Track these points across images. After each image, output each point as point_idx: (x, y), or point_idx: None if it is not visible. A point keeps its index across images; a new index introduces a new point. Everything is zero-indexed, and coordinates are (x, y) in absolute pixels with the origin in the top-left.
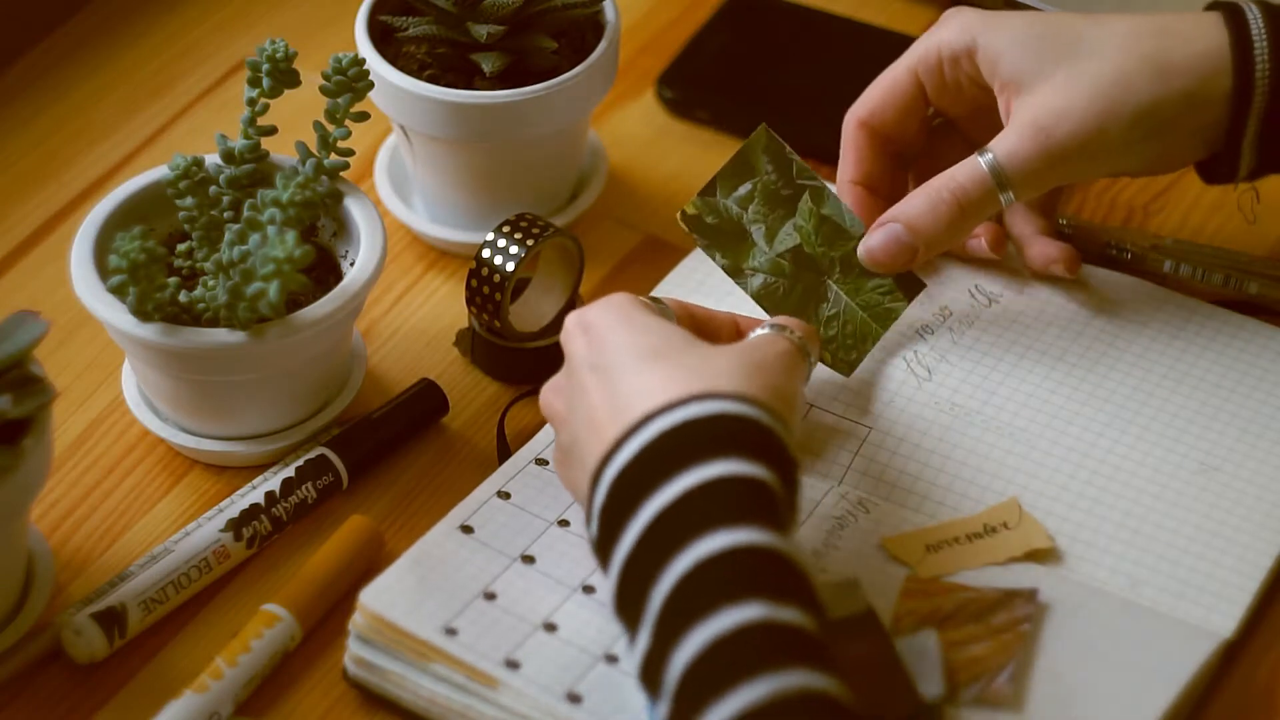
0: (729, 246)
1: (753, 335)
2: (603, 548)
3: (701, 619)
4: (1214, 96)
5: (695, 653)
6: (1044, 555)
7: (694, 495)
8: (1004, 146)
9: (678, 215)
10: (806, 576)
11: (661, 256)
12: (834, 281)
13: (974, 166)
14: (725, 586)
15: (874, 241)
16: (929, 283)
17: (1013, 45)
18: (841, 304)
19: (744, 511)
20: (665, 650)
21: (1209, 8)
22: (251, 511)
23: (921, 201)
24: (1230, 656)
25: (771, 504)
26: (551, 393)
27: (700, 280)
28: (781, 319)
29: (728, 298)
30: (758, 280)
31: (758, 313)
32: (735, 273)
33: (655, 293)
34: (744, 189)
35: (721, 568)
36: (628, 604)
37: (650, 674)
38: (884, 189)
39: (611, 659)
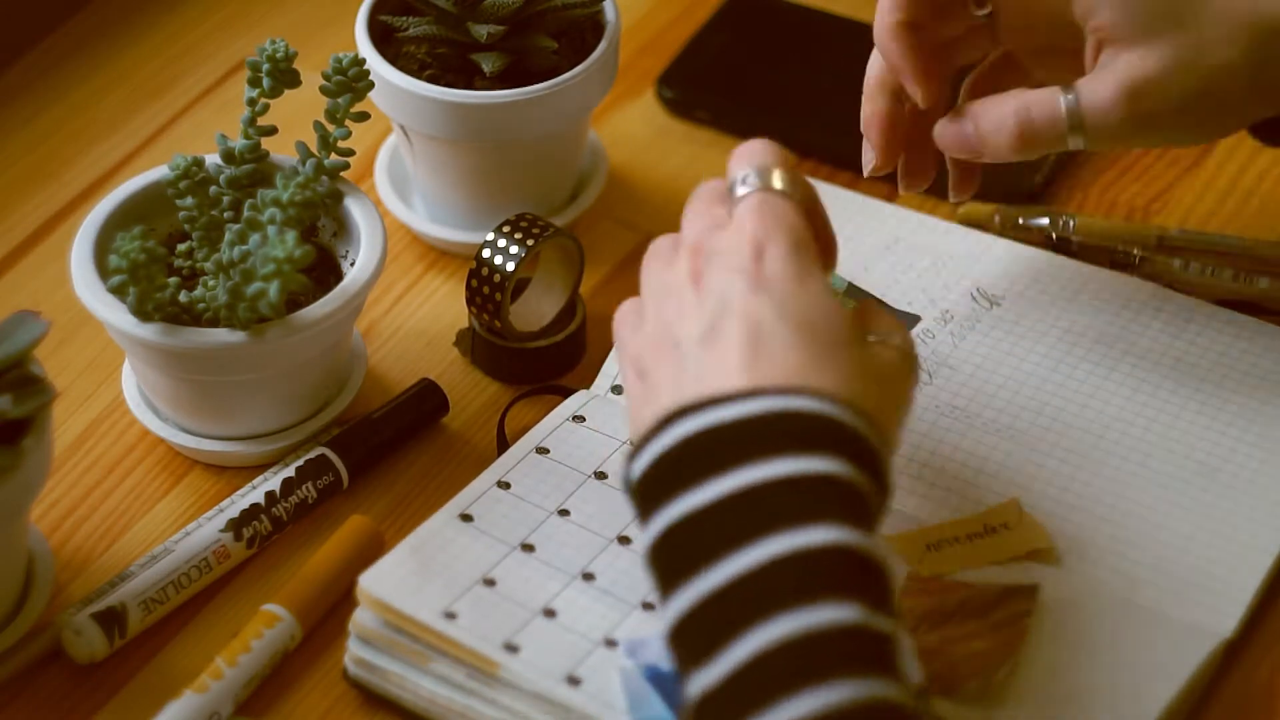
0: None
1: (869, 340)
2: (652, 489)
3: (794, 607)
4: None
5: (779, 639)
6: (1044, 555)
7: (806, 481)
8: (1092, 99)
9: None
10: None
11: None
12: None
13: (1051, 105)
14: (828, 581)
15: (945, 133)
16: (930, 294)
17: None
18: None
19: (856, 516)
20: (734, 625)
21: None
22: (251, 511)
23: (992, 117)
24: (1230, 656)
25: (875, 522)
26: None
27: None
28: (885, 324)
29: None
30: None
31: None
32: None
33: None
34: None
35: (825, 561)
36: (679, 556)
37: (691, 635)
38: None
39: (610, 644)
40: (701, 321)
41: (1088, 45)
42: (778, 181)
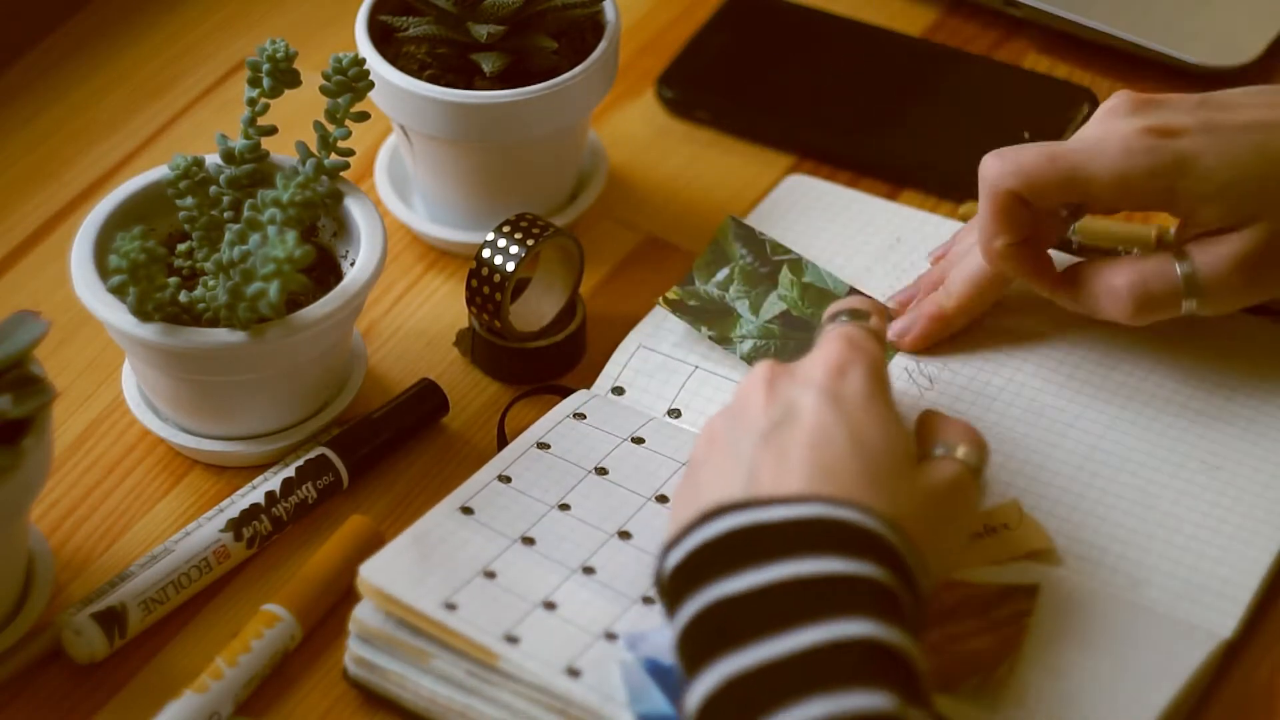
0: (714, 321)
1: (935, 455)
2: (688, 575)
3: (827, 692)
4: None
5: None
6: (1044, 556)
7: (845, 579)
8: (1210, 270)
9: (659, 300)
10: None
11: (662, 256)
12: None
13: (1169, 276)
14: (862, 671)
15: (1059, 298)
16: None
17: (1217, 201)
18: None
19: (893, 617)
20: (764, 705)
21: None
22: (251, 511)
23: (1105, 288)
24: (1230, 656)
25: (911, 628)
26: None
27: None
28: (952, 434)
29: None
30: (747, 345)
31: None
32: (723, 341)
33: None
34: (722, 274)
35: (860, 653)
36: (712, 637)
37: (718, 713)
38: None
39: (611, 637)
40: (764, 422)
41: (1183, 226)
42: (868, 321)
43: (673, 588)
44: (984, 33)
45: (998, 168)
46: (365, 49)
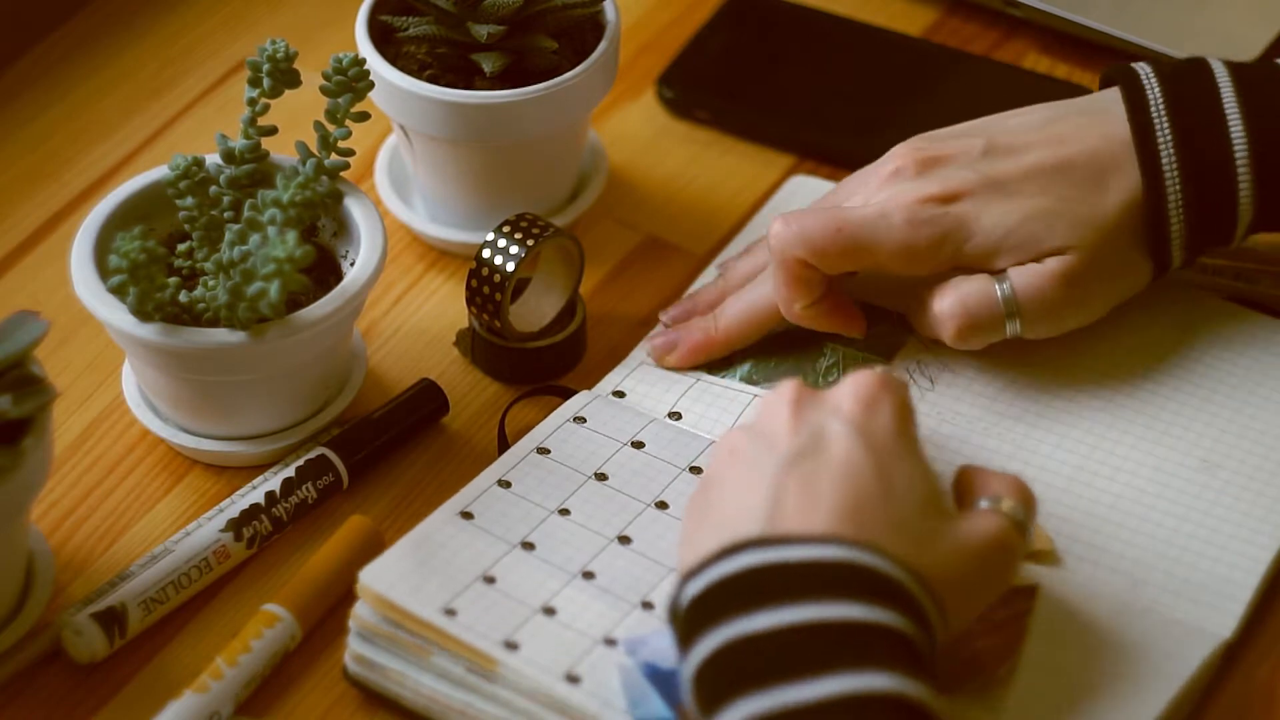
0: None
1: (979, 508)
2: (705, 610)
3: None
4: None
5: None
6: (1044, 557)
7: (870, 627)
8: (1028, 287)
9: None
10: None
11: (662, 256)
12: (826, 342)
13: (989, 298)
14: None
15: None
16: None
17: (1005, 253)
18: (839, 354)
19: (916, 670)
20: None
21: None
22: (251, 511)
23: (933, 312)
24: (1230, 656)
25: (931, 680)
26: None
27: None
28: (999, 487)
29: None
30: (747, 365)
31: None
32: (721, 367)
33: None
34: None
35: (884, 707)
36: (732, 675)
37: None
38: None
39: (610, 642)
40: (790, 447)
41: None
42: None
43: (689, 620)
44: (984, 33)
45: (784, 235)
46: (365, 49)
